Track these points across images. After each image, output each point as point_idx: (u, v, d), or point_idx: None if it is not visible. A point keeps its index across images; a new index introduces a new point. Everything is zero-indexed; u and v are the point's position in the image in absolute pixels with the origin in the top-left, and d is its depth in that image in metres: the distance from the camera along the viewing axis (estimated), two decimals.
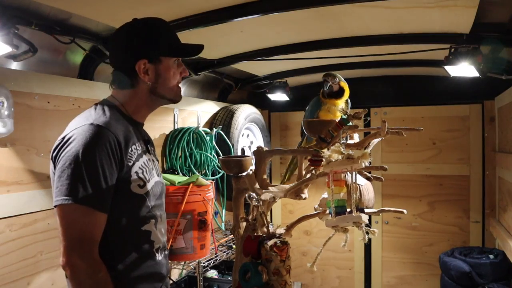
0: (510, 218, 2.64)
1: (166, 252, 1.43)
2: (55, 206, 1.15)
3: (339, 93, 1.94)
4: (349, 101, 2.02)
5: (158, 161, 1.49)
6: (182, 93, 1.43)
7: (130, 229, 1.28)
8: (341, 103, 1.96)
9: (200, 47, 1.39)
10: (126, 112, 1.33)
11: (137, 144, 1.31)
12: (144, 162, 1.32)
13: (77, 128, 1.19)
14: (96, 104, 1.32)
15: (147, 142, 1.40)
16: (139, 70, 1.29)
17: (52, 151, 1.21)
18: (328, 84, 1.93)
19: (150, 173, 1.33)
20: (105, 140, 1.17)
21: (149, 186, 1.30)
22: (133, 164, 1.26)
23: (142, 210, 1.29)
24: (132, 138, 1.29)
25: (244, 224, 1.67)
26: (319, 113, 1.99)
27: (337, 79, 1.94)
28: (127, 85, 1.32)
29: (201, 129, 2.91)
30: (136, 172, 1.26)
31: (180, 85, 1.40)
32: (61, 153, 1.17)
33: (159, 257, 1.35)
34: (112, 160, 1.18)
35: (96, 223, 1.16)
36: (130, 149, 1.26)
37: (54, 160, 1.19)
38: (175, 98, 1.39)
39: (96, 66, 2.24)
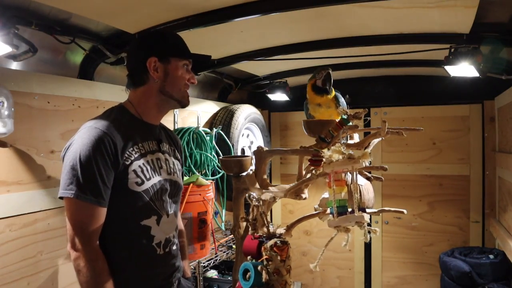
0: (510, 218, 2.64)
1: (174, 248, 1.48)
2: (60, 197, 1.28)
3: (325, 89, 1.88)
4: (341, 99, 1.96)
5: (179, 160, 1.59)
6: None
7: (128, 223, 1.35)
8: (325, 101, 1.90)
9: (207, 57, 1.53)
10: (136, 114, 1.44)
11: (140, 145, 1.39)
12: (147, 161, 1.39)
13: (80, 131, 1.32)
14: (111, 107, 1.46)
15: (159, 141, 1.48)
16: (149, 66, 1.39)
17: (62, 151, 1.35)
18: (324, 74, 1.86)
19: (153, 172, 1.40)
20: (101, 142, 1.27)
21: (148, 184, 1.37)
22: (131, 163, 1.34)
23: (140, 206, 1.35)
24: (134, 139, 1.37)
25: (244, 224, 1.67)
26: (310, 113, 1.97)
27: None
28: (139, 82, 1.42)
29: (201, 129, 2.91)
30: (134, 171, 1.34)
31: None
32: (66, 153, 1.30)
33: (160, 251, 1.41)
34: (107, 159, 1.27)
35: (94, 215, 1.26)
36: (129, 149, 1.34)
37: (63, 159, 1.32)
38: (183, 100, 1.47)
39: (96, 66, 2.24)
